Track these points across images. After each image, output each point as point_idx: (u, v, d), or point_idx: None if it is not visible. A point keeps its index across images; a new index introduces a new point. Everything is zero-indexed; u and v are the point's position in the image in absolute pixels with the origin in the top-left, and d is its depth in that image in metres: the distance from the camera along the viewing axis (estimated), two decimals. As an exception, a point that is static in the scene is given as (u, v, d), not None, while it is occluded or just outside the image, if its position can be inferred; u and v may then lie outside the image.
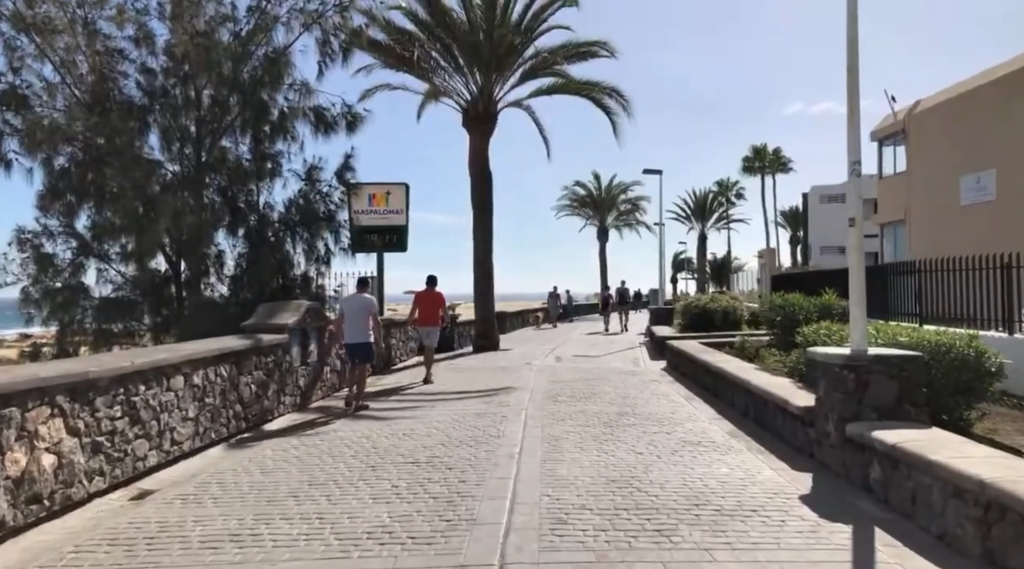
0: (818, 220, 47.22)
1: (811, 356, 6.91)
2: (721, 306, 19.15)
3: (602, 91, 19.86)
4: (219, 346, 8.11)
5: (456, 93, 20.04)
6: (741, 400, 9.55)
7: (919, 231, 24.44)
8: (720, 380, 10.82)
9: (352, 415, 10.04)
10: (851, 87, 6.75)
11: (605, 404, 10.50)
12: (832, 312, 10.10)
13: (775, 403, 7.90)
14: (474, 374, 14.67)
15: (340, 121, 13.37)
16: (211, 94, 12.08)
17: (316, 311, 11.35)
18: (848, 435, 6.01)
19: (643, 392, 11.76)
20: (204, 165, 12.16)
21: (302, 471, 6.84)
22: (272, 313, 10.43)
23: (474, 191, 19.95)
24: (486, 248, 20.03)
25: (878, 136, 27.65)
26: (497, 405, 10.58)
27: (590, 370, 15.14)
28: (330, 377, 12.01)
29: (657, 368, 15.82)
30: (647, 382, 13.09)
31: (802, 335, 8.73)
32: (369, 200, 21.14)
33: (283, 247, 13.00)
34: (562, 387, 12.30)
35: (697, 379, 12.61)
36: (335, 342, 11.43)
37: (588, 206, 56.75)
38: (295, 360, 10.54)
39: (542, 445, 7.74)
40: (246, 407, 8.84)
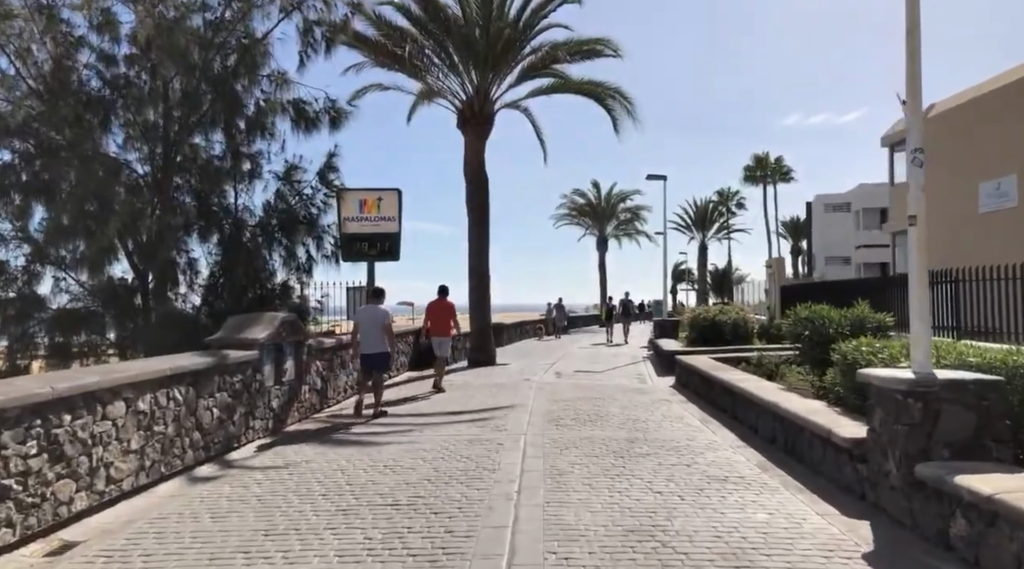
0: (822, 230, 46.28)
1: (864, 379, 5.85)
2: (731, 318, 18.10)
3: (605, 91, 18.87)
4: (171, 365, 7.04)
5: (451, 93, 19.08)
6: (767, 425, 8.48)
7: (934, 240, 23.43)
8: (741, 401, 9.75)
9: (332, 442, 8.98)
10: (911, 52, 5.67)
11: (613, 428, 9.43)
12: (866, 326, 9.05)
13: (814, 432, 6.83)
14: (469, 392, 13.60)
15: (323, 117, 12.34)
16: (181, 86, 11.04)
17: (292, 324, 10.29)
18: (918, 477, 4.95)
19: (653, 414, 10.69)
20: (172, 163, 11.10)
21: (260, 516, 5.76)
22: (241, 327, 9.37)
23: (470, 196, 18.93)
24: (482, 256, 18.99)
25: (889, 141, 26.73)
26: (493, 429, 9.50)
27: (593, 387, 14.07)
28: (308, 397, 10.93)
29: (665, 385, 14.75)
30: (656, 402, 12.02)
31: (839, 352, 7.67)
32: (359, 206, 20.03)
33: (260, 254, 11.92)
34: (564, 407, 11.23)
35: (712, 399, 11.55)
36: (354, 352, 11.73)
37: (587, 215, 55.77)
38: (267, 379, 9.47)
39: (544, 481, 6.67)
40: (207, 435, 7.75)
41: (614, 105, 18.87)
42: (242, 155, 11.88)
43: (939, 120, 23.50)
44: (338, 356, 12.42)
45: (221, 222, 11.81)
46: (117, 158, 11.02)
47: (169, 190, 10.98)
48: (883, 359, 6.75)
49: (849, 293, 17.18)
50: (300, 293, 13.77)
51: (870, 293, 16.38)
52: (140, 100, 10.94)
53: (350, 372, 13.09)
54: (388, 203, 19.84)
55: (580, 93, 19.17)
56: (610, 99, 18.92)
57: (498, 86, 18.93)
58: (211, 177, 11.44)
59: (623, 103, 19.21)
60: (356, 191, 20.15)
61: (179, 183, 11.68)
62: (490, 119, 18.92)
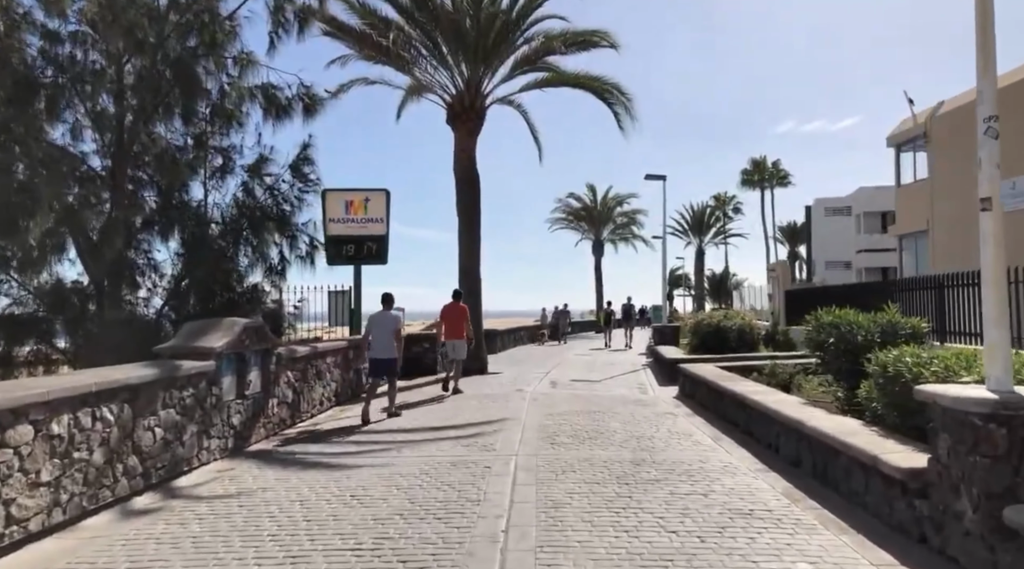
0: (822, 234, 45.39)
1: (924, 398, 4.85)
2: (736, 324, 17.11)
3: (603, 86, 17.89)
4: (98, 380, 5.99)
5: (440, 87, 18.08)
6: (790, 445, 7.47)
7: (944, 242, 22.51)
8: (757, 417, 8.74)
9: (297, 464, 7.93)
10: (982, 9, 4.67)
11: (615, 447, 8.40)
12: (899, 333, 8.06)
13: (854, 457, 5.81)
14: (456, 403, 12.56)
15: (296, 104, 11.29)
16: (136, 68, 9.99)
17: (258, 331, 9.24)
18: (1007, 524, 3.94)
19: (659, 429, 9.67)
20: (127, 153, 10.05)
21: (189, 566, 4.72)
22: (197, 334, 8.32)
23: (460, 195, 17.92)
24: (473, 259, 17.97)
25: (895, 141, 25.83)
26: (480, 449, 8.47)
27: (591, 399, 13.04)
28: (277, 411, 9.87)
29: (668, 396, 13.73)
30: (660, 415, 11.00)
31: (876, 363, 6.67)
32: (346, 207, 19.12)
33: (227, 255, 10.87)
34: (560, 422, 10.20)
35: (721, 412, 10.54)
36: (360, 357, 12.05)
37: (583, 219, 54.77)
38: (227, 393, 8.42)
39: (537, 517, 5.64)
40: (147, 459, 6.70)
41: (613, 101, 17.90)
42: (204, 145, 10.82)
43: (947, 118, 22.62)
44: (312, 366, 11.38)
45: (183, 219, 10.76)
46: (63, 146, 9.95)
47: (123, 183, 9.93)
48: (935, 372, 5.74)
49: (861, 298, 16.20)
50: (276, 298, 12.70)
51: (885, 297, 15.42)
52: (88, 82, 9.91)
53: (327, 383, 12.05)
54: (376, 204, 18.91)
55: (577, 87, 18.16)
56: (608, 95, 17.95)
57: (490, 79, 17.95)
58: (168, 168, 10.38)
59: (621, 100, 18.25)
60: (342, 191, 19.21)
61: (139, 177, 10.62)
62: (481, 114, 17.93)
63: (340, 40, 17.31)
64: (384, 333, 10.98)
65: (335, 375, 12.46)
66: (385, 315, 11.29)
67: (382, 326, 11.07)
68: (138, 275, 10.61)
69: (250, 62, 10.64)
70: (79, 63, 9.97)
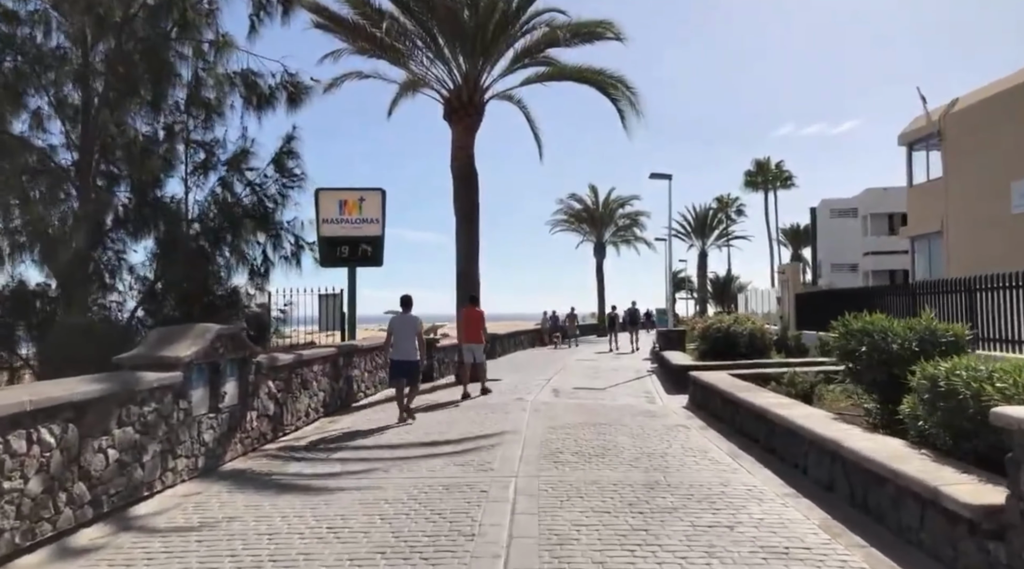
0: (828, 236, 44.54)
1: (1003, 423, 4.07)
2: (747, 329, 16.32)
3: (607, 80, 17.13)
4: (34, 397, 5.21)
5: (437, 81, 17.33)
6: (822, 467, 6.69)
7: (959, 244, 21.75)
8: (780, 433, 7.96)
9: (273, 487, 7.16)
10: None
11: (625, 467, 7.63)
12: (939, 341, 7.27)
13: (905, 486, 5.03)
14: (452, 414, 11.78)
15: (279, 93, 10.51)
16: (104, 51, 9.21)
17: (233, 337, 8.47)
18: None
19: (671, 445, 8.88)
20: (92, 144, 9.27)
21: (123, 625, 3.94)
22: (163, 342, 7.55)
23: (457, 194, 17.15)
24: (471, 260, 17.19)
25: (907, 140, 25.08)
26: (476, 468, 7.69)
27: (596, 409, 12.26)
28: (256, 425, 9.09)
29: (677, 406, 12.95)
30: (671, 428, 10.22)
31: (923, 376, 5.90)
32: (340, 207, 18.40)
33: (205, 254, 10.10)
34: (564, 436, 9.42)
35: (738, 425, 9.76)
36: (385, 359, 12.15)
37: (585, 221, 53.97)
38: (198, 406, 7.65)
39: (540, 556, 4.86)
40: (98, 485, 5.92)
41: (617, 95, 17.13)
42: (176, 135, 10.04)
43: (963, 116, 21.87)
44: (297, 375, 10.60)
45: (157, 217, 9.99)
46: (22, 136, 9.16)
47: (90, 177, 9.16)
48: (1002, 389, 4.96)
49: (880, 301, 15.41)
50: (262, 301, 11.93)
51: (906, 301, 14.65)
52: (50, 66, 9.13)
53: (314, 393, 11.28)
54: (371, 204, 18.16)
55: (580, 80, 17.39)
56: (612, 89, 17.18)
57: (489, 73, 17.21)
58: (138, 161, 9.60)
59: (626, 95, 17.49)
60: (336, 191, 18.46)
61: (112, 171, 9.84)
62: (480, 110, 17.17)
63: (332, 33, 16.56)
64: (406, 336, 11.12)
65: (323, 384, 11.69)
66: (406, 318, 11.36)
67: (404, 329, 11.18)
68: (109, 277, 9.85)
69: (226, 44, 9.85)
70: (40, 46, 9.20)
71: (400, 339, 11.13)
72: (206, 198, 10.43)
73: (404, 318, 11.39)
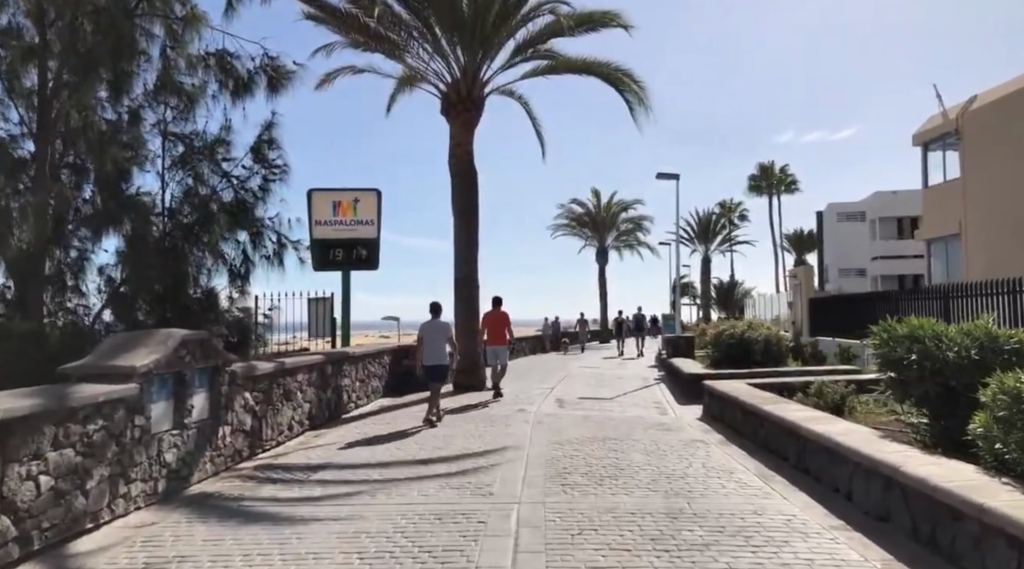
0: (835, 240, 43.64)
1: None
2: (762, 336, 15.43)
3: (613, 73, 16.26)
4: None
5: (435, 74, 16.49)
6: (874, 494, 5.78)
7: (979, 246, 20.85)
8: (816, 451, 7.06)
9: (240, 516, 6.27)
10: None
11: (643, 491, 6.73)
12: (1003, 349, 6.38)
13: (995, 526, 4.14)
14: (449, 428, 10.87)
15: (258, 78, 9.63)
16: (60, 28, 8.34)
17: (203, 344, 7.58)
18: None
19: (691, 463, 7.98)
20: (49, 131, 8.40)
21: None
22: (117, 350, 6.66)
23: (455, 193, 16.28)
24: (470, 263, 16.31)
25: (922, 139, 24.23)
26: (473, 493, 6.79)
27: (605, 422, 11.35)
28: (231, 441, 8.19)
29: (691, 418, 12.04)
30: (688, 443, 9.31)
31: (1002, 391, 5.01)
32: (333, 208, 17.61)
33: (179, 253, 9.22)
34: (571, 453, 8.52)
35: (762, 440, 8.87)
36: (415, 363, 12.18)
37: (587, 225, 53.07)
38: (158, 422, 6.76)
39: (549, 614, 3.96)
40: (26, 518, 5.02)
41: (625, 87, 16.27)
42: (141, 120, 9.16)
43: (982, 113, 21.02)
44: (279, 385, 9.70)
45: (123, 212, 9.09)
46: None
47: (46, 167, 8.29)
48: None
49: (905, 305, 14.54)
50: (245, 306, 11.05)
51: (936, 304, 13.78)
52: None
53: (298, 405, 10.38)
54: (366, 205, 17.35)
55: (586, 72, 16.51)
56: (620, 83, 16.32)
57: (489, 65, 16.36)
58: (96, 148, 8.69)
59: (634, 88, 16.63)
60: (329, 191, 17.65)
61: (77, 163, 8.96)
62: (479, 104, 16.32)
63: (324, 24, 15.71)
64: (436, 340, 11.47)
65: (308, 395, 10.79)
66: (436, 323, 11.74)
67: (434, 334, 11.54)
68: (71, 278, 8.98)
69: (196, 18, 8.95)
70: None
71: (430, 344, 11.47)
72: (179, 191, 9.54)
73: (434, 323, 11.73)
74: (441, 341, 11.53)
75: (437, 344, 11.47)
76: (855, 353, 15.25)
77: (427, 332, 11.64)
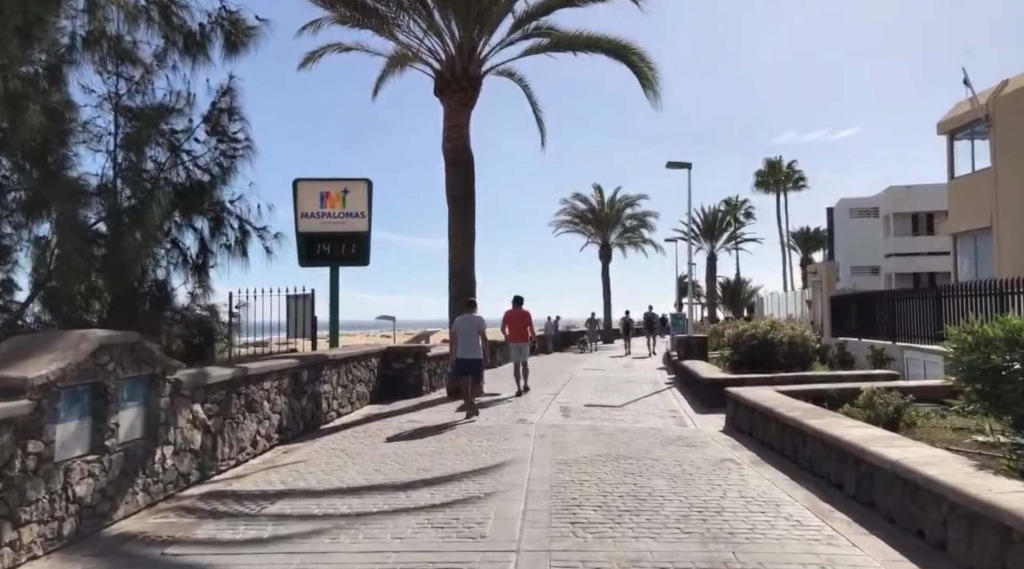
0: (847, 237, 42.19)
1: None
2: (787, 336, 14.04)
3: (623, 47, 14.86)
4: None
5: (429, 52, 15.12)
6: (987, 548, 4.40)
7: (1012, 240, 19.44)
8: (886, 482, 5.68)
9: (160, 567, 4.91)
10: None
11: (671, 532, 5.37)
12: None
13: None
14: (440, 442, 9.50)
15: (214, 35, 8.21)
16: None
17: (132, 349, 6.22)
18: None
19: (726, 492, 6.61)
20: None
21: None
22: (12, 357, 5.29)
23: (450, 180, 14.91)
24: (466, 257, 14.94)
25: (948, 128, 22.79)
26: (461, 534, 5.42)
27: (616, 434, 9.97)
28: (173, 464, 6.82)
29: (713, 429, 10.69)
30: (718, 464, 7.94)
31: None
32: (321, 199, 16.33)
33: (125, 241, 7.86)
34: (580, 478, 7.16)
35: (804, 460, 7.51)
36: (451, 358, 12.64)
37: (589, 222, 51.59)
38: (65, 448, 5.39)
39: None
40: None
41: (635, 61, 14.87)
42: (62, 76, 7.77)
43: (1015, 98, 19.60)
44: (241, 395, 8.34)
45: (49, 191, 7.72)
46: None
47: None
48: None
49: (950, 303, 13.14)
50: (209, 303, 9.71)
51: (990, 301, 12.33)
52: None
53: (265, 417, 9.02)
54: (356, 196, 16.07)
55: (590, 48, 15.06)
56: (632, 59, 14.91)
57: (486, 41, 14.96)
58: (9, 110, 7.32)
59: (643, 67, 15.23)
60: (316, 181, 16.39)
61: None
62: (476, 83, 14.93)
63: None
64: (470, 335, 11.95)
65: (278, 405, 9.43)
66: (470, 318, 12.19)
67: (467, 329, 12.02)
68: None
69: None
70: None
71: (464, 339, 11.94)
72: (117, 166, 8.16)
73: (468, 319, 12.20)
74: (474, 336, 11.94)
75: (471, 339, 11.91)
76: (889, 355, 13.87)
77: (460, 328, 12.14)
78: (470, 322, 12.11)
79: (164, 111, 8.54)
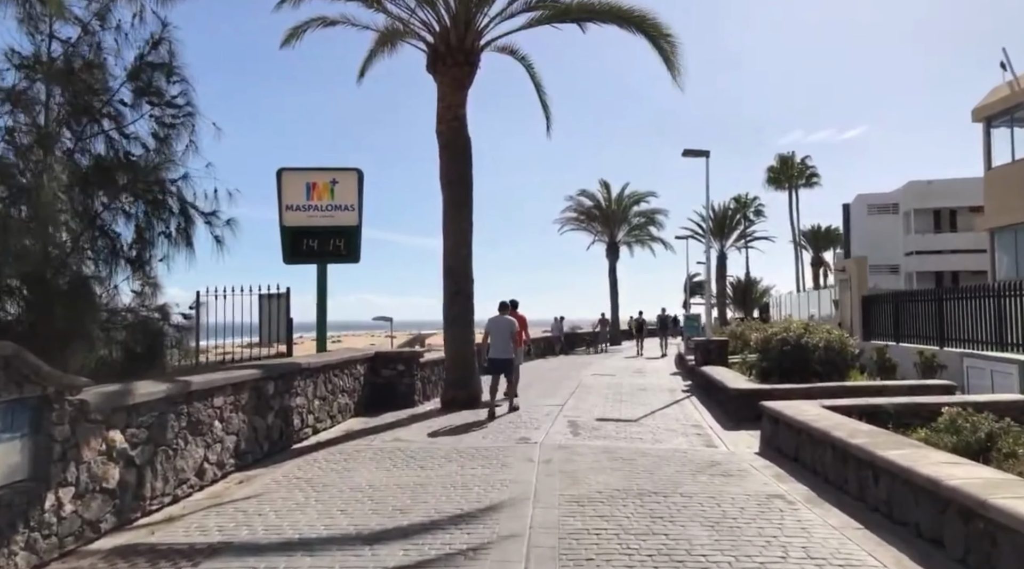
0: (864, 235, 40.40)
1: None
2: (823, 340, 12.47)
3: (635, 18, 13.29)
4: None
5: (422, 24, 13.57)
6: None
7: (1060, 235, 17.86)
8: (1017, 549, 4.14)
9: None
10: None
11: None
12: None
13: None
14: (424, 469, 7.97)
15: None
16: None
17: (7, 363, 4.72)
18: None
19: (787, 550, 5.08)
20: None
21: None
22: None
23: (444, 165, 13.36)
24: (462, 252, 13.38)
25: (984, 114, 21.22)
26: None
27: (635, 458, 8.41)
28: (76, 510, 5.31)
29: (748, 450, 9.15)
30: (765, 503, 6.40)
31: None
32: (307, 191, 15.05)
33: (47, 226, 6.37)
34: (597, 525, 5.64)
35: (876, 500, 5.97)
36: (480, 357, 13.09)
37: (596, 220, 49.79)
38: None
39: None
40: None
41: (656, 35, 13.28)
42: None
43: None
44: (184, 415, 6.84)
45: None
46: None
47: None
48: None
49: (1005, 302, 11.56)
50: (157, 304, 8.21)
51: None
52: None
53: (215, 440, 7.52)
54: (345, 187, 14.79)
55: (603, 18, 13.42)
56: (649, 29, 13.32)
57: (485, 12, 13.40)
58: None
59: (662, 40, 13.66)
60: (302, 171, 15.12)
61: None
62: (473, 58, 13.37)
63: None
64: (502, 336, 12.23)
65: (234, 424, 7.92)
66: (502, 319, 12.49)
67: (500, 329, 12.33)
68: None
69: None
70: None
71: (496, 339, 12.26)
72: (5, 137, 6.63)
73: (499, 319, 12.48)
74: (506, 336, 12.18)
75: (502, 339, 12.19)
76: (942, 363, 12.29)
77: (492, 328, 12.43)
78: (501, 323, 12.36)
79: (71, 57, 6.96)
